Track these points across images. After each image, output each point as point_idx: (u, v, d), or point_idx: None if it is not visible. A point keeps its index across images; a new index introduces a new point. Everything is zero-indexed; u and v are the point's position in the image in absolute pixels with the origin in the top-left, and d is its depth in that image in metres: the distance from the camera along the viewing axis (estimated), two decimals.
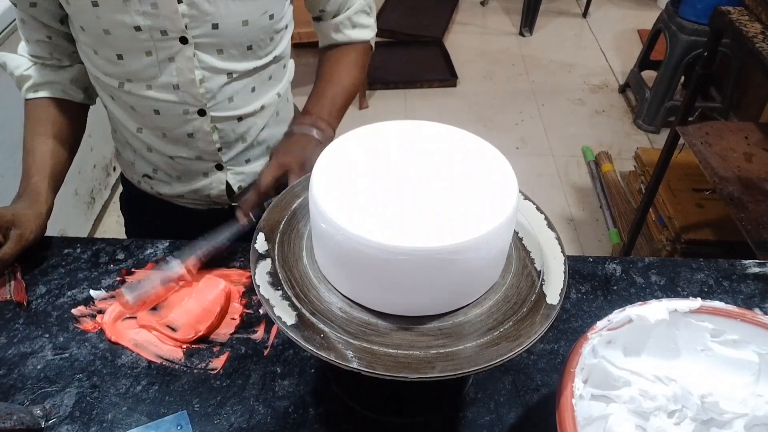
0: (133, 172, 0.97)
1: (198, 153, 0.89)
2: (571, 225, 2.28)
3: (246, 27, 0.78)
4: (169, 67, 0.78)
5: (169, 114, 0.83)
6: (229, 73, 0.82)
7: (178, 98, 0.81)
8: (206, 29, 0.76)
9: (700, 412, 0.58)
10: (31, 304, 0.77)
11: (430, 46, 3.30)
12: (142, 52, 0.76)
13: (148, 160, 0.92)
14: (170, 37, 0.75)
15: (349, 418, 0.65)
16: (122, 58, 0.77)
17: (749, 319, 0.58)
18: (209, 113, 0.84)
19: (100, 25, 0.74)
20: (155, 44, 0.75)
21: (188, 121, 0.84)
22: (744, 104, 2.57)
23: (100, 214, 2.24)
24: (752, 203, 1.35)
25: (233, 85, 0.83)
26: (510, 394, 0.68)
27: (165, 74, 0.78)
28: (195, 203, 0.97)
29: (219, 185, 0.93)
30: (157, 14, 0.73)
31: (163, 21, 0.73)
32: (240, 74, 0.83)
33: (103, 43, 0.76)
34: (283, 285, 0.52)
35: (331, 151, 0.54)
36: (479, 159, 0.54)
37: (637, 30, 3.49)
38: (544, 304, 0.51)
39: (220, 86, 0.82)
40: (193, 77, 0.79)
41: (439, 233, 0.46)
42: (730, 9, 1.43)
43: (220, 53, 0.79)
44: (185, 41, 0.76)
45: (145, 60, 0.77)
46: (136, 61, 0.77)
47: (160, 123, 0.84)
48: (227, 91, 0.83)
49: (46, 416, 0.65)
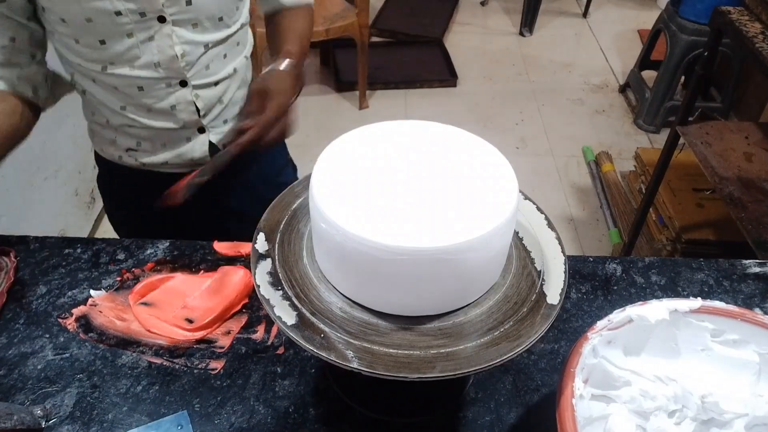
0: (114, 148, 0.99)
1: (182, 123, 0.93)
2: (571, 225, 2.28)
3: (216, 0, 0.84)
4: (149, 46, 0.82)
5: (153, 89, 0.87)
6: (206, 44, 0.87)
7: (160, 74, 0.86)
8: (181, 6, 0.81)
9: (701, 412, 0.58)
10: (31, 304, 0.77)
11: (430, 46, 3.30)
12: (124, 35, 0.80)
13: (132, 135, 0.95)
14: (149, 17, 0.80)
15: (349, 418, 0.65)
16: (105, 43, 0.81)
17: (749, 319, 0.58)
18: (190, 83, 0.89)
19: (82, 14, 0.77)
20: (135, 26, 0.80)
21: (171, 93, 0.89)
22: (744, 104, 2.57)
23: (100, 214, 2.24)
24: (752, 203, 1.35)
25: (208, 54, 0.89)
26: (510, 394, 0.68)
27: (146, 54, 0.83)
28: (179, 168, 1.00)
29: (202, 147, 0.98)
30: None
31: (142, 3, 0.78)
32: (214, 43, 0.88)
33: (85, 31, 0.80)
34: (284, 285, 0.52)
35: (331, 151, 0.54)
36: (479, 159, 0.54)
37: (637, 30, 3.50)
38: (544, 304, 0.51)
39: (197, 57, 0.87)
40: (173, 53, 0.84)
41: (439, 233, 0.46)
42: (730, 9, 1.43)
43: (195, 27, 0.84)
44: (163, 20, 0.81)
45: (126, 42, 0.81)
46: (118, 44, 0.81)
47: (144, 99, 0.88)
48: (204, 61, 0.89)
49: (46, 416, 0.65)
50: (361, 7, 2.51)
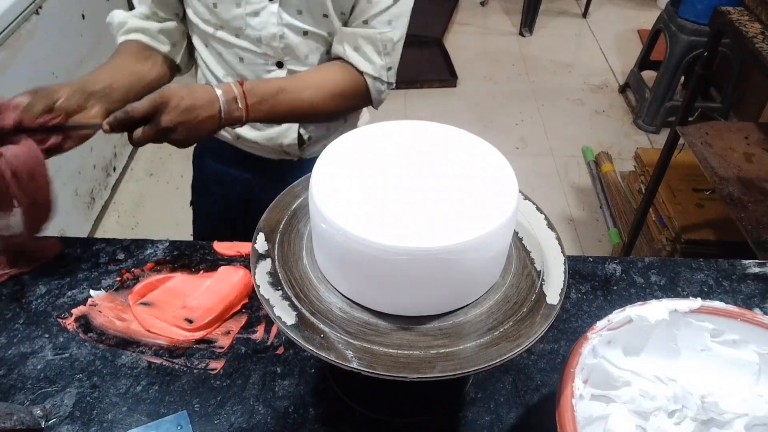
0: None
1: None
2: (571, 225, 2.28)
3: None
4: (254, 20, 0.87)
5: (252, 63, 0.92)
6: (305, 32, 0.89)
7: (260, 49, 0.90)
8: None
9: (700, 412, 0.58)
10: (31, 304, 0.77)
11: (430, 46, 3.30)
12: (233, 3, 0.86)
13: None
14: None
15: (349, 418, 0.65)
16: (216, 7, 0.87)
17: (749, 319, 0.58)
18: (286, 66, 0.92)
19: None
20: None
21: (268, 72, 0.92)
22: (744, 104, 2.57)
23: (100, 214, 2.24)
24: (752, 203, 1.35)
25: (308, 42, 0.91)
26: (510, 394, 0.68)
27: (251, 27, 0.88)
28: (267, 152, 1.03)
29: (292, 134, 0.99)
30: None
31: None
32: (314, 35, 0.90)
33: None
34: (283, 285, 0.52)
35: (331, 151, 0.54)
36: (479, 159, 0.54)
37: (637, 30, 3.49)
38: (544, 304, 0.51)
39: (296, 42, 0.90)
40: (274, 32, 0.88)
41: (439, 233, 0.46)
42: (730, 9, 1.43)
43: (299, 14, 0.87)
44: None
45: (234, 11, 0.87)
46: (227, 11, 0.87)
47: (243, 71, 0.93)
48: (303, 49, 0.91)
49: (46, 416, 0.65)
50: None
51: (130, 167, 2.50)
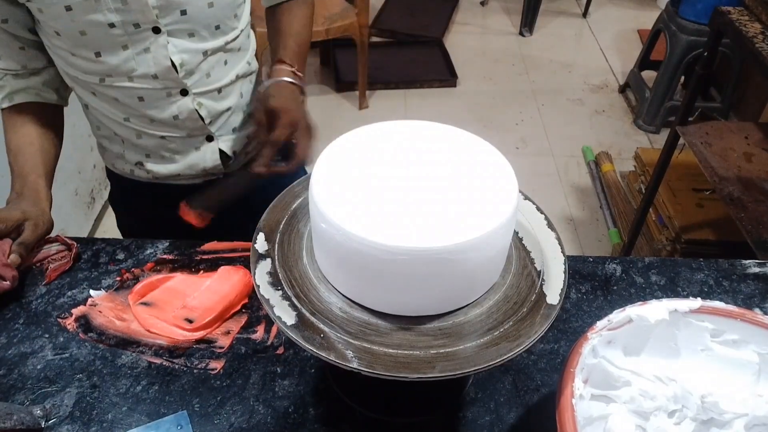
0: (124, 162, 0.98)
1: (187, 131, 0.92)
2: (571, 225, 2.28)
3: (212, 8, 0.82)
4: (145, 57, 0.81)
5: (154, 99, 0.86)
6: (204, 52, 0.86)
7: (160, 84, 0.85)
8: (176, 16, 0.80)
9: (700, 412, 0.58)
10: (31, 304, 0.77)
11: (430, 46, 3.30)
12: (119, 46, 0.79)
13: (140, 146, 0.94)
14: (143, 29, 0.78)
15: (349, 418, 0.65)
16: (100, 56, 0.80)
17: (749, 319, 0.58)
18: (191, 91, 0.87)
19: (76, 27, 0.76)
20: (130, 38, 0.79)
21: (173, 103, 0.87)
22: (744, 104, 2.57)
23: (100, 214, 2.24)
24: (752, 203, 1.35)
25: (208, 61, 0.87)
26: (510, 394, 0.68)
27: (143, 65, 0.82)
28: (191, 179, 0.99)
29: (213, 155, 0.96)
30: (128, 9, 0.76)
31: (135, 15, 0.77)
32: (213, 50, 0.87)
33: (80, 43, 0.79)
34: (283, 285, 0.52)
35: (331, 151, 0.54)
36: (479, 159, 0.54)
37: (637, 30, 3.49)
38: (544, 304, 0.51)
39: (196, 65, 0.86)
40: (168, 64, 0.82)
41: (439, 233, 0.46)
42: (730, 9, 1.43)
43: (191, 36, 0.83)
44: (158, 31, 0.79)
45: (122, 54, 0.80)
46: (114, 56, 0.80)
47: (146, 109, 0.87)
48: (204, 68, 0.87)
49: (46, 416, 0.65)
50: (361, 7, 2.51)
51: None
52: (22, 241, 0.78)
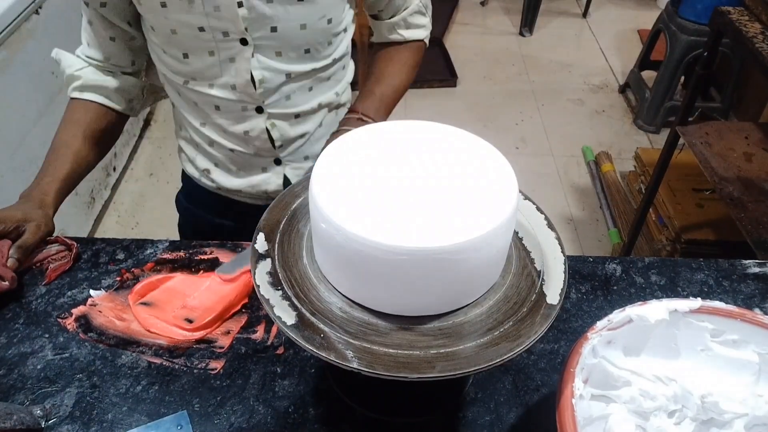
0: (194, 167, 0.99)
1: (256, 150, 0.92)
2: (571, 225, 2.28)
3: (304, 31, 0.81)
4: (229, 67, 0.82)
5: (228, 111, 0.87)
6: (288, 74, 0.85)
7: (237, 96, 0.85)
8: (265, 32, 0.79)
9: (700, 412, 0.58)
10: (31, 304, 0.77)
11: (430, 46, 3.29)
12: (206, 51, 0.80)
13: (210, 154, 0.95)
14: (231, 38, 0.79)
15: (349, 418, 0.65)
16: (187, 57, 0.81)
17: (749, 319, 0.58)
18: (266, 110, 0.87)
19: (168, 25, 0.78)
20: (217, 44, 0.79)
21: (246, 118, 0.87)
22: (744, 104, 2.57)
23: (100, 214, 2.24)
24: (752, 203, 1.35)
25: (291, 84, 0.86)
26: (510, 394, 0.68)
27: (226, 74, 0.82)
28: (253, 198, 0.99)
29: (276, 180, 0.96)
30: (219, 16, 0.76)
31: (225, 23, 0.77)
32: (298, 75, 0.85)
33: (171, 42, 0.80)
34: (283, 285, 0.52)
35: (331, 151, 0.54)
36: (479, 159, 0.54)
37: (637, 30, 3.49)
38: (544, 304, 0.51)
39: (277, 85, 0.85)
40: (248, 78, 0.82)
41: (439, 233, 0.46)
42: (730, 9, 1.43)
43: (278, 55, 0.82)
44: (245, 42, 0.79)
45: (208, 60, 0.81)
46: (200, 60, 0.81)
47: (220, 119, 0.88)
48: (284, 90, 0.86)
49: (46, 416, 0.65)
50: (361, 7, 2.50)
51: (130, 167, 2.51)
52: (21, 244, 0.78)
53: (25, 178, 1.76)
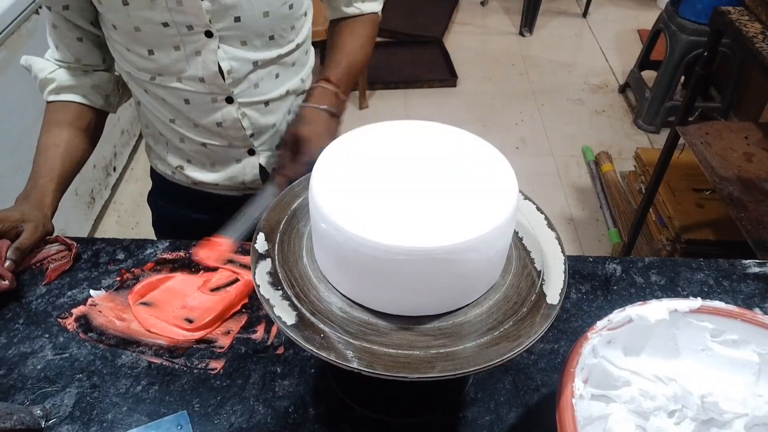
0: (166, 165, 0.99)
1: (229, 141, 0.92)
2: (571, 225, 2.28)
3: (267, 18, 0.82)
4: (196, 60, 0.82)
5: (199, 103, 0.87)
6: (254, 62, 0.85)
7: (206, 88, 0.85)
8: (229, 22, 0.80)
9: (700, 412, 0.58)
10: (31, 304, 0.77)
11: (430, 46, 3.30)
12: (171, 46, 0.80)
13: (182, 150, 0.94)
14: (196, 31, 0.79)
15: (349, 418, 0.65)
16: (153, 53, 0.81)
17: (749, 319, 0.58)
18: (237, 100, 0.87)
19: (131, 22, 0.78)
20: (182, 39, 0.79)
21: (217, 109, 0.88)
22: (744, 104, 2.57)
23: (100, 214, 2.24)
24: (752, 203, 1.35)
25: (258, 72, 0.87)
26: (510, 394, 0.68)
27: (192, 67, 0.82)
28: (230, 190, 0.99)
29: (252, 170, 0.96)
30: (182, 10, 0.76)
31: (189, 17, 0.77)
32: (264, 62, 0.86)
33: (134, 39, 0.80)
34: (283, 285, 0.52)
35: (331, 151, 0.54)
36: (479, 159, 0.54)
37: (637, 30, 3.49)
38: (544, 304, 0.51)
39: (245, 74, 0.85)
40: (215, 69, 0.82)
41: (439, 233, 0.46)
42: (730, 9, 1.43)
43: (243, 44, 0.83)
44: (210, 35, 0.80)
45: (174, 54, 0.81)
46: (166, 55, 0.81)
47: (191, 113, 0.88)
48: (252, 79, 0.87)
49: (46, 416, 0.65)
50: None
51: (130, 167, 2.50)
52: (18, 245, 0.78)
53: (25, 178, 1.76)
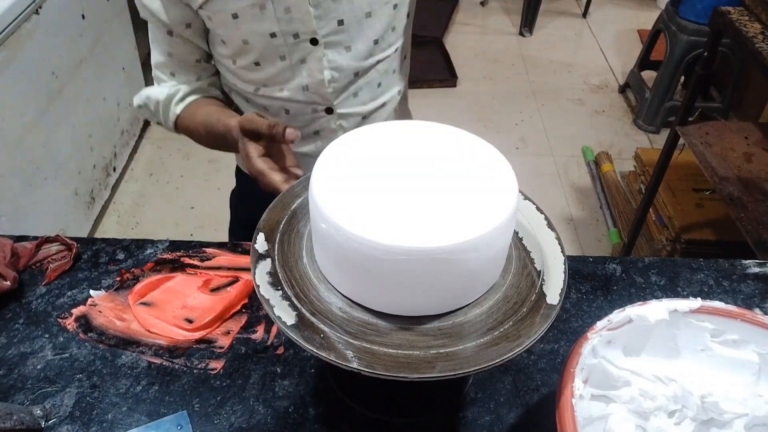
0: None
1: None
2: (571, 225, 2.28)
3: (370, 18, 0.81)
4: (301, 68, 0.82)
5: (299, 113, 0.87)
6: (356, 72, 0.85)
7: (307, 98, 0.85)
8: (333, 26, 0.79)
9: (700, 412, 0.58)
10: (31, 304, 0.77)
11: (430, 46, 3.30)
12: (277, 56, 0.81)
13: None
14: (302, 39, 0.79)
15: (349, 418, 0.65)
16: (259, 65, 0.82)
17: (749, 319, 0.58)
18: (336, 110, 0.87)
19: (240, 35, 0.78)
20: (288, 48, 0.80)
21: (316, 119, 0.88)
22: (744, 104, 2.57)
23: (100, 214, 2.24)
24: (752, 203, 1.35)
25: (358, 82, 0.86)
26: (510, 394, 0.68)
27: (298, 76, 0.83)
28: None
29: None
30: (290, 18, 0.76)
31: (296, 24, 0.77)
32: (365, 69, 0.85)
33: (242, 52, 0.81)
34: (283, 285, 0.52)
35: (331, 151, 0.54)
36: (479, 159, 0.54)
37: (637, 30, 3.50)
38: (544, 304, 0.51)
39: (346, 84, 0.85)
40: (322, 78, 0.83)
41: (438, 233, 0.46)
42: (730, 9, 1.43)
43: (348, 50, 0.82)
44: (315, 42, 0.80)
45: (280, 64, 0.81)
46: (272, 66, 0.82)
47: (290, 122, 0.88)
48: (353, 88, 0.87)
49: (46, 416, 0.65)
50: None
51: (130, 167, 2.51)
52: None
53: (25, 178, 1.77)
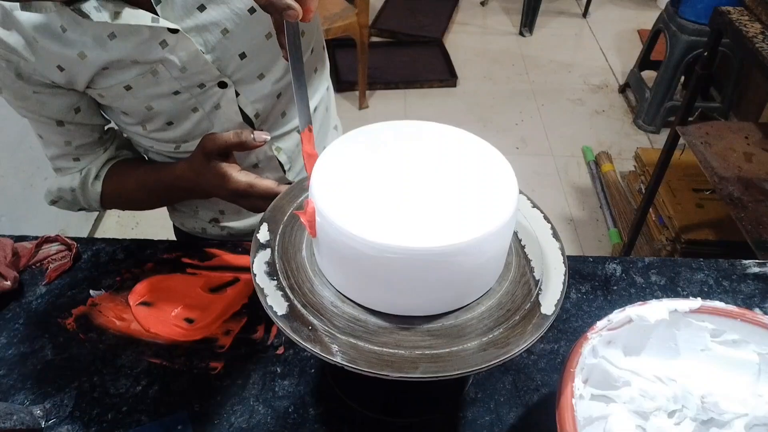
0: (195, 221, 0.95)
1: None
2: (571, 225, 2.28)
3: (272, 38, 0.74)
4: (217, 114, 0.77)
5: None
6: (278, 95, 0.80)
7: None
8: (236, 62, 0.73)
9: (700, 412, 0.58)
10: (31, 304, 0.77)
11: (430, 46, 3.30)
12: (189, 110, 0.75)
13: (215, 203, 0.90)
14: (208, 86, 0.73)
15: (349, 418, 0.65)
16: (172, 124, 0.77)
17: (749, 319, 0.58)
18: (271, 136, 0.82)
19: (140, 103, 0.73)
20: (197, 99, 0.74)
21: (250, 153, 0.82)
22: (744, 104, 2.57)
23: (100, 214, 2.24)
24: (752, 203, 1.35)
25: (282, 100, 0.81)
26: (510, 394, 0.68)
27: (217, 124, 0.77)
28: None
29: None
30: (188, 73, 0.71)
31: (197, 77, 0.71)
32: (287, 85, 0.79)
33: (149, 117, 0.75)
34: (279, 275, 0.52)
35: (331, 151, 0.54)
36: (479, 159, 0.54)
37: (637, 30, 3.50)
38: (537, 313, 0.51)
39: (270, 108, 0.80)
40: (240, 119, 0.77)
41: (436, 233, 0.46)
42: (730, 9, 1.43)
43: (261, 78, 0.76)
44: (224, 85, 0.74)
45: (194, 117, 0.76)
46: (187, 121, 0.76)
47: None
48: (277, 109, 0.82)
49: (46, 416, 0.65)
50: (361, 7, 2.51)
51: None
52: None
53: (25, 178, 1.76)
